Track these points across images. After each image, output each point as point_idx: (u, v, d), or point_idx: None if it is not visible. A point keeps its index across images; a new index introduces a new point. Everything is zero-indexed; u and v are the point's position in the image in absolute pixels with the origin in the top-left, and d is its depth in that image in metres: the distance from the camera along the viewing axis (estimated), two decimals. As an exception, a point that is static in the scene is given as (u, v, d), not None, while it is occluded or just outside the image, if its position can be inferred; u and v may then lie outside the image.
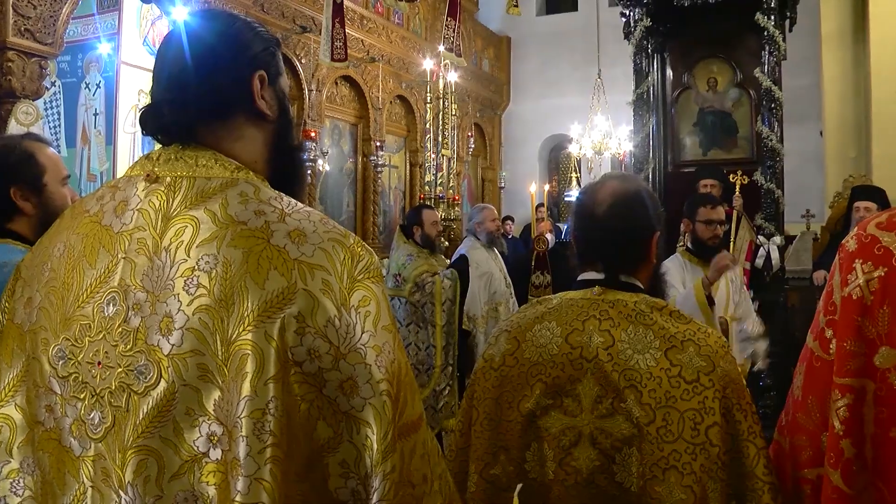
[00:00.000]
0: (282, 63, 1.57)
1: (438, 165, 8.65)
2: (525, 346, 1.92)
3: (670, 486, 1.72)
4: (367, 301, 1.30)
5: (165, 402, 1.26)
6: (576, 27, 15.17)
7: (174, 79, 1.44)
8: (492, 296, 6.33)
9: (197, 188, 1.36)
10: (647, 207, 2.00)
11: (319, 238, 1.32)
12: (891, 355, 1.64)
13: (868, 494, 1.65)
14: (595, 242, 2.00)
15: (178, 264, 1.29)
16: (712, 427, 1.75)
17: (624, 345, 1.82)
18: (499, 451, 1.90)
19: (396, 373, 1.32)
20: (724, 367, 1.81)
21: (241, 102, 1.46)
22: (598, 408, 1.80)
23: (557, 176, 16.88)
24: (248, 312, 1.23)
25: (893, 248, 1.69)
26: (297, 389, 1.24)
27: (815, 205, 9.88)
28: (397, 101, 12.33)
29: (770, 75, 6.20)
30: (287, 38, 9.32)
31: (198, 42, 1.46)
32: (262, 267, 1.26)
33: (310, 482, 1.27)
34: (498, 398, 1.92)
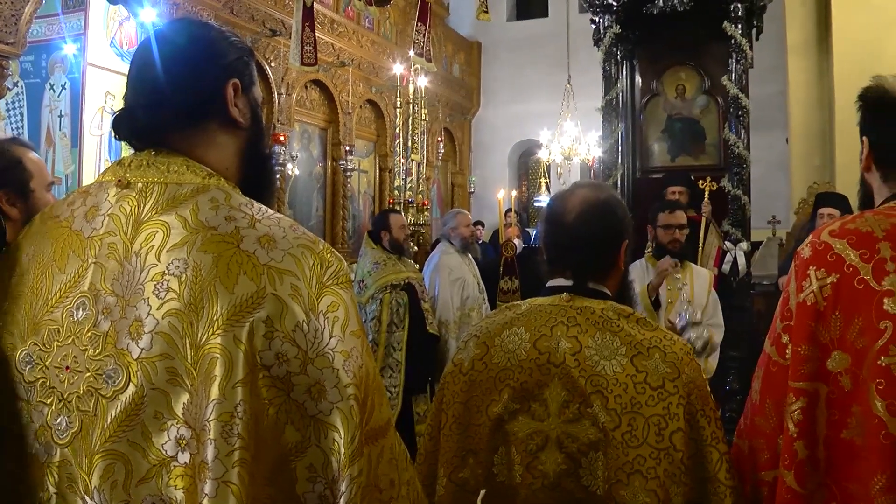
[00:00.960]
0: (255, 72, 1.59)
1: (408, 170, 8.66)
2: (494, 351, 1.94)
3: (635, 490, 1.74)
4: (335, 306, 1.32)
5: (134, 406, 1.26)
6: (546, 33, 15.24)
7: (149, 84, 1.45)
8: (464, 301, 6.33)
9: (168, 194, 1.37)
10: (617, 216, 2.04)
11: (289, 244, 1.34)
12: (842, 359, 1.70)
13: (820, 494, 1.71)
14: (564, 249, 2.02)
15: (148, 268, 1.30)
16: (676, 432, 1.78)
17: (591, 351, 1.84)
18: (467, 455, 1.92)
19: (364, 378, 1.33)
20: (689, 374, 1.84)
21: (214, 110, 1.47)
22: (565, 412, 1.83)
23: (527, 181, 16.94)
24: (218, 316, 1.24)
25: (845, 256, 1.74)
26: (266, 393, 1.25)
27: (781, 211, 9.99)
28: (367, 105, 12.31)
29: (737, 83, 6.26)
30: (256, 41, 9.26)
31: (173, 49, 1.47)
32: (232, 272, 1.27)
33: (277, 486, 1.28)
34: (467, 402, 1.94)
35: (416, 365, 5.81)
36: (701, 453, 1.81)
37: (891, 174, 1.87)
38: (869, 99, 1.92)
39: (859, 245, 1.74)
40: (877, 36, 8.46)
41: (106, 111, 7.36)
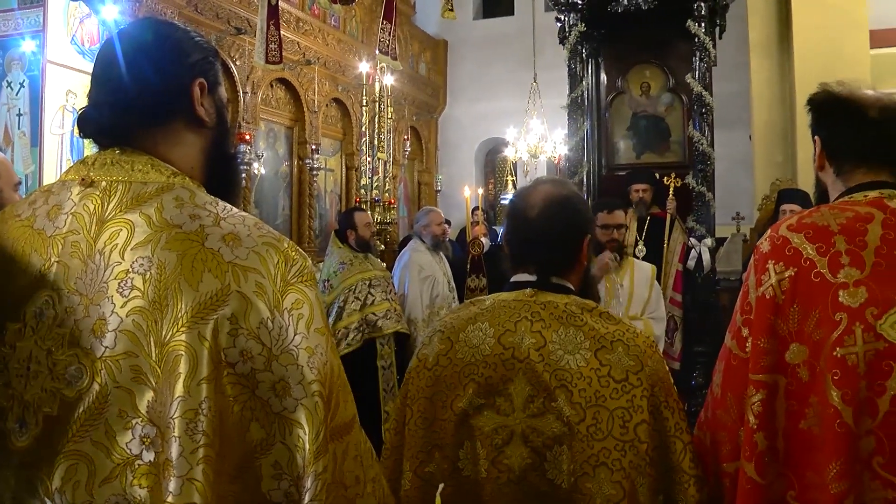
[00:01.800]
0: (220, 73, 1.60)
1: (374, 169, 8.64)
2: (458, 346, 1.95)
3: (600, 482, 1.77)
4: (300, 304, 1.33)
5: (98, 406, 1.26)
6: (512, 31, 15.27)
7: (114, 82, 1.46)
8: (433, 299, 6.33)
9: (132, 192, 1.37)
10: (579, 211, 2.08)
11: (254, 242, 1.35)
12: (800, 351, 1.74)
13: (779, 483, 1.75)
14: (528, 244, 2.05)
15: (112, 267, 1.30)
16: (640, 424, 1.80)
17: (555, 345, 1.86)
18: (433, 450, 1.93)
19: (329, 375, 1.33)
20: (652, 366, 1.87)
21: (180, 109, 1.48)
22: (530, 407, 1.84)
23: (493, 179, 16.97)
24: (182, 314, 1.25)
25: (802, 249, 1.78)
26: (230, 391, 1.26)
27: (744, 207, 10.10)
28: (333, 104, 12.25)
29: (701, 81, 6.32)
30: (221, 39, 9.18)
31: (139, 47, 1.48)
32: (197, 269, 1.28)
33: (242, 483, 1.28)
34: (432, 397, 1.95)
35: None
36: (665, 444, 1.84)
37: (843, 169, 1.92)
38: (817, 102, 1.99)
39: (816, 239, 1.77)
40: (836, 36, 8.59)
41: (67, 110, 7.25)
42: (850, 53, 8.41)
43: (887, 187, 1.85)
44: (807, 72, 8.57)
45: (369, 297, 5.77)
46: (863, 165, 1.89)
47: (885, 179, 1.88)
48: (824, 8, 8.77)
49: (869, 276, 1.70)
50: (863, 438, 1.66)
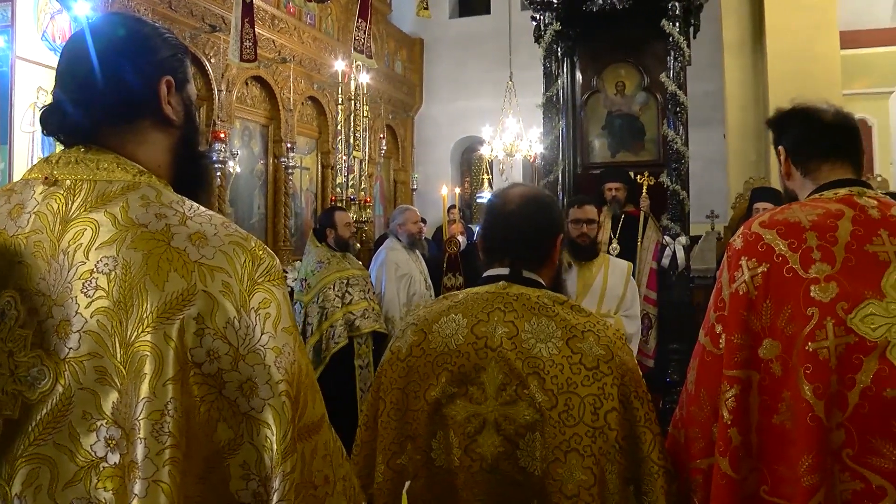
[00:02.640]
0: (189, 70, 1.58)
1: (350, 167, 8.62)
2: (431, 336, 1.98)
3: (572, 467, 1.79)
4: (267, 303, 1.32)
5: (62, 408, 1.24)
6: (488, 30, 15.30)
7: (79, 78, 1.43)
8: (410, 298, 6.32)
9: (97, 191, 1.35)
10: (553, 211, 2.16)
11: (220, 241, 1.34)
12: (773, 346, 1.77)
13: (752, 478, 1.78)
14: (502, 238, 2.10)
15: (76, 266, 1.28)
16: (611, 412, 1.84)
17: (527, 334, 1.90)
18: (405, 441, 1.95)
19: (297, 374, 1.33)
20: (622, 357, 1.91)
21: (147, 106, 1.46)
22: (502, 395, 1.87)
23: (469, 178, 16.99)
24: (148, 314, 1.24)
25: (775, 245, 1.81)
26: (197, 391, 1.25)
27: (719, 205, 10.14)
28: (309, 102, 12.20)
29: (675, 80, 6.35)
30: (196, 36, 9.11)
31: (105, 43, 1.45)
32: (162, 269, 1.27)
33: (209, 483, 1.27)
34: (404, 388, 1.97)
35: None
36: (635, 434, 1.87)
37: (809, 168, 1.99)
38: (775, 119, 2.13)
39: (788, 235, 1.80)
40: (807, 37, 8.68)
41: (38, 107, 7.16)
42: (821, 54, 8.51)
43: (856, 185, 1.88)
44: (779, 72, 8.65)
45: (347, 295, 5.75)
46: (826, 161, 1.97)
47: (851, 176, 1.94)
48: (796, 10, 8.86)
49: (839, 271, 1.73)
50: (833, 431, 1.68)
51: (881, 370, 1.67)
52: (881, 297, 1.71)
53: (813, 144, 1.98)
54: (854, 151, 1.98)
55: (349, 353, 5.75)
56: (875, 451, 1.67)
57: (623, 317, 4.64)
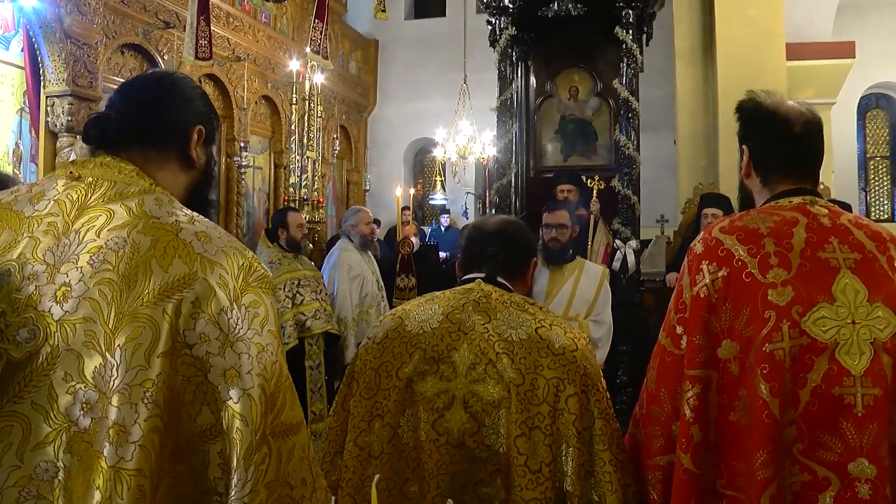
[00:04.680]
0: (217, 136, 1.81)
1: (303, 167, 8.59)
2: (408, 321, 2.10)
3: (535, 444, 1.90)
4: (257, 304, 1.42)
5: (45, 367, 1.31)
6: (443, 33, 15.32)
7: (130, 102, 1.64)
8: (363, 298, 6.31)
9: (117, 189, 1.48)
10: (529, 237, 2.34)
11: (223, 243, 1.46)
12: (731, 347, 1.84)
13: (710, 473, 1.85)
14: (481, 248, 2.24)
15: (86, 243, 1.38)
16: (572, 397, 1.94)
17: (499, 322, 2.03)
18: (374, 419, 2.03)
19: (276, 373, 1.40)
20: (584, 352, 2.03)
21: (177, 141, 1.64)
22: (472, 373, 1.98)
23: (422, 180, 17.02)
24: (149, 290, 1.34)
25: (734, 251, 1.89)
26: (185, 371, 1.33)
27: (668, 210, 10.31)
28: (263, 101, 12.11)
29: (628, 86, 6.45)
30: (149, 33, 8.99)
31: (165, 82, 1.69)
32: (168, 254, 1.38)
33: (188, 464, 1.34)
34: (378, 368, 2.06)
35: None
36: (593, 425, 1.96)
37: (770, 178, 2.03)
38: (746, 111, 2.10)
39: (747, 241, 1.87)
40: (755, 47, 8.88)
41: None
42: (769, 64, 8.71)
43: (808, 194, 1.96)
44: (729, 80, 8.83)
45: (298, 296, 5.72)
46: (788, 179, 2.02)
47: (807, 186, 2.00)
48: (745, 21, 9.06)
49: (795, 276, 1.81)
50: (786, 428, 1.76)
51: (830, 370, 1.76)
52: (832, 302, 1.79)
53: (778, 161, 2.02)
54: (816, 165, 2.03)
55: (300, 354, 5.73)
56: (822, 446, 1.76)
57: (592, 321, 4.64)
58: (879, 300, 1.79)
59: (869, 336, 1.77)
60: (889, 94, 14.62)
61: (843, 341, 1.76)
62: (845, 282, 1.80)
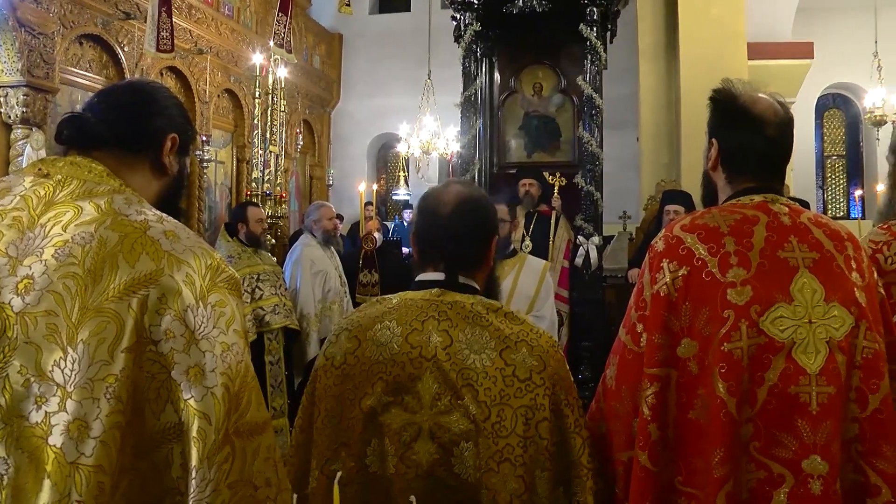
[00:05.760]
0: (190, 148, 1.83)
1: (266, 162, 8.53)
2: (366, 344, 1.97)
3: (505, 477, 1.82)
4: (223, 304, 1.42)
5: (2, 358, 1.30)
6: (408, 28, 15.28)
7: (106, 104, 1.66)
8: (326, 294, 6.29)
9: (86, 188, 1.47)
10: (489, 212, 2.14)
11: (192, 243, 1.46)
12: (691, 346, 1.84)
13: (668, 469, 1.86)
14: (439, 242, 2.07)
15: (51, 237, 1.37)
16: (542, 422, 1.87)
17: (461, 345, 1.91)
18: (340, 448, 1.94)
19: (242, 373, 1.40)
20: (554, 366, 1.94)
21: (150, 147, 1.66)
22: (437, 404, 1.88)
23: (386, 175, 16.98)
24: (115, 285, 1.33)
25: (695, 249, 1.89)
26: (149, 367, 1.33)
27: (631, 207, 10.40)
28: (225, 94, 11.99)
29: (592, 83, 6.46)
30: (108, 24, 8.84)
31: (144, 89, 1.74)
32: (135, 251, 1.37)
33: (150, 461, 1.33)
34: (339, 396, 1.96)
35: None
36: (565, 440, 1.91)
37: (735, 177, 2.02)
38: (720, 102, 2.06)
39: (707, 239, 1.88)
40: (717, 46, 8.96)
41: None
42: (730, 63, 8.78)
43: (770, 192, 1.97)
44: (691, 79, 8.92)
45: (257, 290, 5.70)
46: (754, 178, 2.01)
47: (771, 185, 2.00)
48: (707, 21, 9.16)
49: (754, 275, 1.82)
50: (743, 426, 1.78)
51: (787, 368, 1.78)
52: (790, 301, 1.80)
53: (747, 162, 2.00)
54: (785, 165, 2.02)
55: (259, 349, 5.69)
56: (778, 443, 1.78)
57: (533, 317, 4.48)
58: (835, 299, 1.81)
59: (825, 335, 1.79)
60: (846, 95, 14.86)
61: (799, 340, 1.78)
62: (803, 281, 1.82)
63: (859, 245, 1.95)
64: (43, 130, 7.50)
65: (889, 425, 1.80)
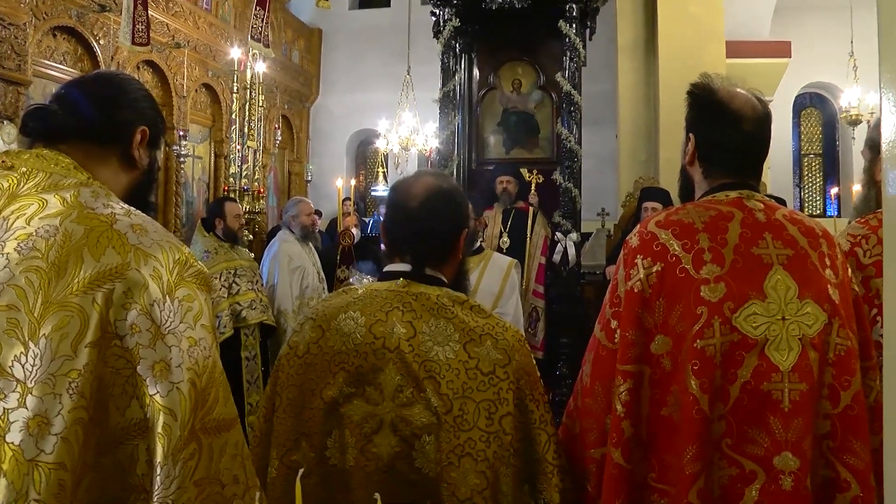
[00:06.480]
0: (162, 140, 1.81)
1: (244, 157, 8.45)
2: (329, 334, 1.95)
3: (465, 471, 1.80)
4: (191, 298, 1.40)
5: None
6: (387, 23, 15.23)
7: (74, 96, 1.62)
8: (304, 290, 6.27)
9: (52, 180, 1.45)
10: (459, 205, 2.10)
11: (160, 237, 1.44)
12: (664, 342, 1.84)
13: (641, 466, 1.85)
14: (406, 234, 2.05)
15: (14, 230, 1.34)
16: (506, 416, 1.84)
17: (425, 336, 1.88)
18: (300, 438, 1.92)
19: (209, 368, 1.38)
20: (520, 360, 1.91)
21: (119, 140, 1.63)
22: (399, 397, 1.86)
23: (364, 171, 16.93)
24: (79, 279, 1.30)
25: (669, 245, 1.88)
26: (114, 362, 1.30)
27: (609, 204, 10.43)
28: (203, 89, 11.89)
29: (570, 80, 6.46)
30: (83, 16, 8.72)
31: (110, 80, 1.73)
32: (101, 244, 1.35)
33: (114, 458, 1.31)
34: (301, 385, 1.94)
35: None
36: (530, 436, 1.89)
37: (712, 172, 2.02)
38: (698, 97, 2.06)
39: (682, 236, 1.87)
40: (696, 45, 9.01)
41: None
42: (708, 61, 8.82)
43: (746, 188, 1.96)
44: (670, 76, 8.95)
45: (234, 286, 5.67)
46: (730, 174, 2.00)
47: (747, 181, 1.99)
48: (686, 19, 9.20)
49: (727, 272, 1.81)
50: (715, 423, 1.78)
51: (759, 366, 1.78)
52: (763, 298, 1.80)
53: (723, 157, 1.99)
54: (761, 161, 2.02)
55: (236, 344, 5.67)
56: (750, 440, 1.79)
57: (497, 313, 4.55)
58: (809, 296, 1.82)
59: (798, 332, 1.79)
60: (822, 94, 14.97)
61: (772, 337, 1.78)
62: (777, 278, 1.82)
63: (833, 242, 1.96)
64: (15, 124, 7.41)
65: (859, 421, 1.81)
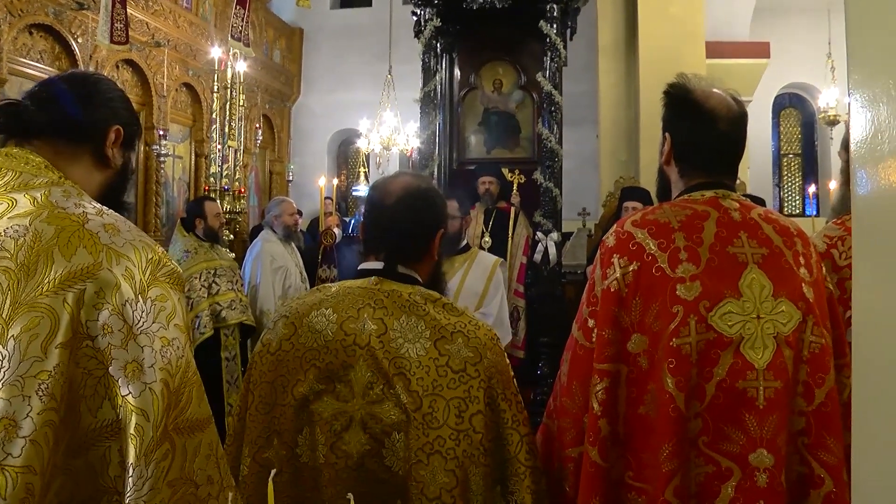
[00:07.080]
0: (137, 141, 1.78)
1: (225, 157, 8.41)
2: (301, 331, 1.95)
3: (434, 470, 1.79)
4: (164, 298, 1.38)
5: None
6: (369, 23, 15.19)
7: (46, 94, 1.60)
8: (286, 290, 6.25)
9: (22, 179, 1.43)
10: (436, 205, 2.11)
11: (132, 236, 1.42)
12: (641, 341, 1.85)
13: (618, 465, 1.86)
14: (381, 232, 2.06)
15: None
16: (476, 415, 1.84)
17: (396, 333, 1.88)
18: (272, 435, 1.92)
19: (182, 368, 1.37)
20: (492, 359, 1.91)
21: (92, 138, 1.62)
22: (370, 394, 1.85)
23: (346, 170, 16.89)
24: (50, 280, 1.29)
25: (645, 245, 1.89)
26: (86, 363, 1.29)
27: (590, 203, 10.45)
28: (183, 88, 11.82)
29: (551, 80, 6.48)
30: (61, 14, 8.65)
31: (84, 80, 1.70)
32: (72, 244, 1.33)
33: (85, 460, 1.29)
34: (273, 382, 1.94)
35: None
36: (501, 436, 1.88)
37: (688, 171, 2.03)
38: (674, 97, 2.07)
39: (658, 235, 1.88)
40: (676, 45, 9.05)
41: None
42: (688, 62, 8.86)
43: (722, 187, 1.97)
44: (650, 76, 8.99)
45: (214, 285, 5.65)
46: (706, 173, 2.01)
47: (723, 181, 2.01)
48: (666, 19, 9.25)
49: (703, 271, 1.83)
50: (691, 421, 1.79)
51: (735, 364, 1.79)
52: (738, 297, 1.82)
53: (697, 156, 2.01)
54: (737, 160, 2.03)
55: (216, 344, 5.65)
56: (726, 438, 1.80)
57: (480, 314, 4.47)
58: (783, 295, 1.83)
59: (773, 330, 1.80)
60: (801, 95, 15.07)
61: (747, 336, 1.80)
62: (752, 277, 1.84)
63: (808, 241, 1.97)
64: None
65: (833, 418, 1.83)
